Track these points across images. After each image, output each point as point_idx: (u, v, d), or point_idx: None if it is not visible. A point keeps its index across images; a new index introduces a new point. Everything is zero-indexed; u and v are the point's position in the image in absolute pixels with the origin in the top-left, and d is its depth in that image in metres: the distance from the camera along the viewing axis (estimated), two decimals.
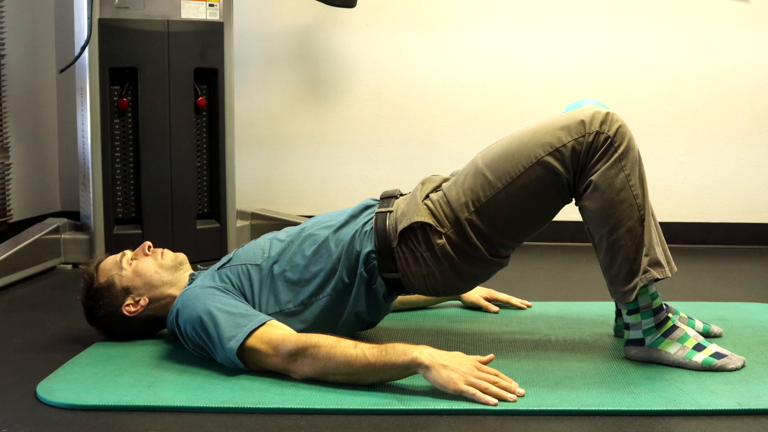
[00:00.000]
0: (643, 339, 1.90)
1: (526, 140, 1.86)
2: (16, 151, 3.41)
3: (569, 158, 1.82)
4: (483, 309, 2.39)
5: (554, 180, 1.84)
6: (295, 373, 1.76)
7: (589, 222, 1.88)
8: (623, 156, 1.81)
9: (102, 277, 2.03)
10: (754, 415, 1.61)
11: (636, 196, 1.83)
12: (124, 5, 2.96)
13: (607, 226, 1.84)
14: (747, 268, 3.18)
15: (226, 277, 1.97)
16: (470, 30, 3.65)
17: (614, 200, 1.82)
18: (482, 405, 1.62)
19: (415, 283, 1.94)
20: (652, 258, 1.86)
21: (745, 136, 3.62)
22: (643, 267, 1.84)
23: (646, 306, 1.88)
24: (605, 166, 1.81)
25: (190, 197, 3.14)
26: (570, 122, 1.84)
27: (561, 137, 1.83)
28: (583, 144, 1.81)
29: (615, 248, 1.85)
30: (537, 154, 1.83)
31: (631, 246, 1.83)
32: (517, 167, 1.85)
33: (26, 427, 1.56)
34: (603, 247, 1.87)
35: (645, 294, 1.86)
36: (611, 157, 1.81)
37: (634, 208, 1.83)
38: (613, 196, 1.82)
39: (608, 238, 1.85)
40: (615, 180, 1.81)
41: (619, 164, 1.81)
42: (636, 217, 1.83)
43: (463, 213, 1.88)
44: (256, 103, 3.71)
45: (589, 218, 1.87)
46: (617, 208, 1.82)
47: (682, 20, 3.59)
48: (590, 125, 1.82)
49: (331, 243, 1.95)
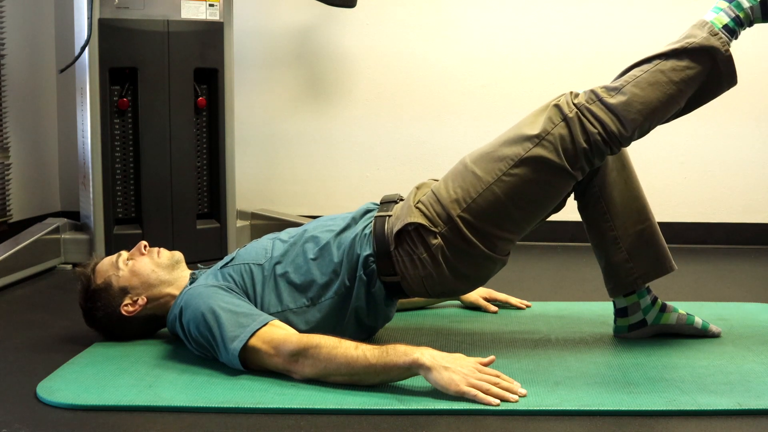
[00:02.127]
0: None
1: (511, 137, 1.89)
2: (16, 151, 3.41)
3: (559, 145, 1.84)
4: (482, 309, 2.39)
5: (546, 169, 1.85)
6: (296, 374, 1.76)
7: (675, 115, 1.95)
8: (608, 96, 1.87)
9: (99, 278, 2.03)
10: (754, 415, 1.61)
11: (645, 77, 1.88)
12: (124, 5, 2.96)
13: (676, 101, 1.90)
14: (747, 268, 3.18)
15: (229, 276, 1.97)
16: (470, 30, 3.65)
17: (652, 97, 1.87)
18: (482, 405, 1.62)
19: (414, 286, 1.94)
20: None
21: (746, 136, 3.62)
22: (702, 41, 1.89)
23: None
24: (617, 109, 1.85)
25: (190, 197, 3.14)
26: (547, 111, 1.88)
27: (545, 127, 1.86)
28: (569, 126, 1.84)
29: (692, 88, 1.91)
30: (525, 147, 1.85)
31: (691, 75, 1.89)
32: (505, 162, 1.86)
33: (26, 427, 1.56)
34: (696, 101, 1.94)
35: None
36: (608, 104, 1.86)
37: (656, 77, 1.88)
38: (649, 97, 1.87)
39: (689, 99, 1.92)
40: (629, 100, 1.87)
41: (613, 99, 1.86)
42: (665, 77, 1.87)
43: (454, 210, 1.88)
44: (256, 103, 3.71)
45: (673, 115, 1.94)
46: (661, 92, 1.88)
47: (682, 22, 3.59)
48: (565, 107, 1.86)
49: (333, 246, 1.95)
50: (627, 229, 2.03)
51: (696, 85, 1.89)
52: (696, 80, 1.88)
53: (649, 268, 2.03)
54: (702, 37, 1.88)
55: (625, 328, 2.09)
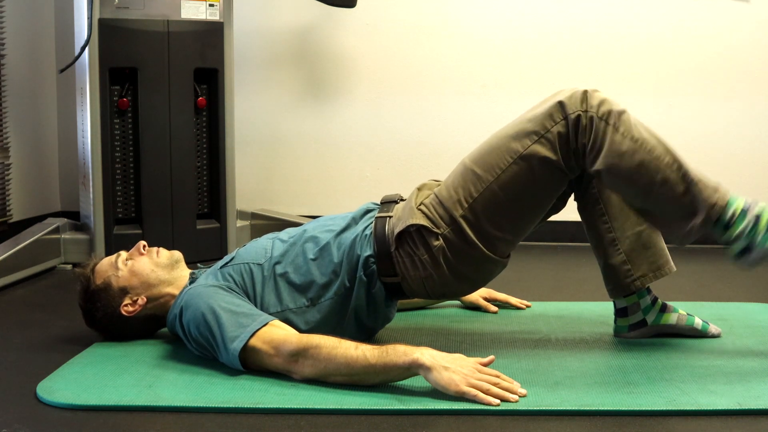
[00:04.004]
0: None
1: (511, 132, 1.87)
2: (16, 151, 3.41)
3: (557, 143, 1.82)
4: (482, 309, 2.39)
5: (545, 167, 1.84)
6: (296, 374, 1.76)
7: (622, 195, 1.88)
8: (617, 125, 1.80)
9: (98, 278, 2.03)
10: (754, 415, 1.61)
11: (651, 150, 1.78)
12: (124, 5, 2.96)
13: (640, 195, 1.82)
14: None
15: (229, 275, 1.97)
16: (470, 30, 3.65)
17: (632, 169, 1.78)
18: (482, 405, 1.62)
19: (414, 286, 1.94)
20: (708, 184, 1.80)
21: (746, 136, 3.62)
22: (707, 194, 1.78)
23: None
24: (606, 144, 1.80)
25: (190, 197, 3.14)
26: (550, 107, 1.84)
27: (545, 124, 1.83)
28: (569, 126, 1.81)
29: (661, 205, 1.82)
30: (524, 144, 1.84)
31: (676, 192, 1.79)
32: (504, 159, 1.85)
33: (26, 427, 1.56)
34: (652, 216, 1.87)
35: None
36: (606, 133, 1.80)
37: (655, 162, 1.78)
38: (630, 167, 1.78)
39: (648, 200, 1.82)
40: (621, 150, 1.78)
41: (617, 134, 1.79)
42: (663, 166, 1.78)
43: (457, 211, 1.88)
44: (256, 103, 3.71)
45: (623, 199, 1.89)
46: (640, 174, 1.79)
47: (681, 23, 3.59)
48: (571, 106, 1.82)
49: (333, 247, 1.95)
50: (625, 231, 2.02)
51: (669, 208, 1.83)
52: (672, 208, 1.82)
53: (648, 270, 2.03)
54: (712, 191, 1.80)
55: (625, 328, 2.09)
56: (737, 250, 1.84)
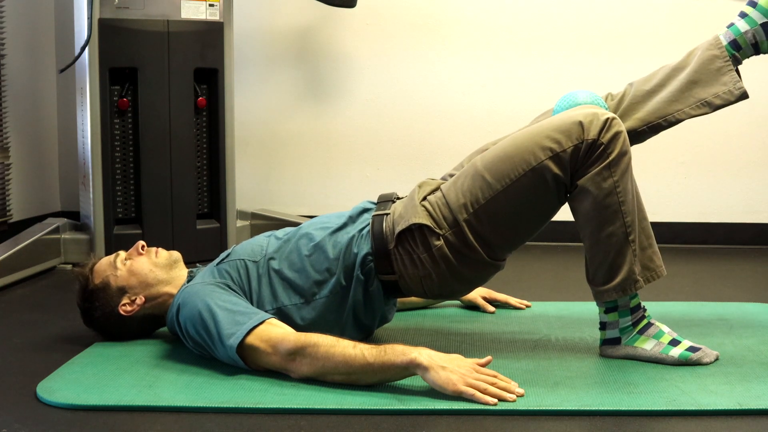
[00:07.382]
0: (619, 338, 1.93)
1: (526, 143, 1.86)
2: (16, 151, 3.41)
3: (568, 162, 1.83)
4: (481, 309, 2.39)
5: (553, 183, 1.85)
6: (294, 373, 1.76)
7: (577, 222, 1.91)
8: (614, 163, 1.82)
9: (97, 278, 2.03)
10: (754, 415, 1.61)
11: (622, 203, 1.84)
12: (124, 5, 2.96)
13: (589, 227, 1.87)
14: (747, 268, 3.18)
15: (226, 272, 1.97)
16: (470, 30, 3.65)
17: (600, 204, 1.83)
18: (482, 405, 1.62)
19: (412, 285, 1.94)
20: (633, 269, 1.86)
21: (746, 136, 3.62)
22: (622, 277, 1.86)
23: (623, 305, 1.91)
24: (595, 171, 1.82)
25: (190, 197, 3.14)
26: (570, 125, 1.83)
27: (561, 141, 1.83)
28: (582, 148, 1.82)
29: (595, 249, 1.88)
30: (537, 157, 1.84)
31: (610, 251, 1.85)
32: (516, 170, 1.85)
33: (26, 427, 1.56)
34: (586, 246, 1.90)
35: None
36: (602, 162, 1.82)
37: (619, 215, 1.84)
38: (600, 201, 1.83)
39: (590, 238, 1.88)
40: (602, 185, 1.82)
41: (608, 170, 1.82)
42: (619, 223, 1.84)
43: (461, 214, 1.88)
44: (256, 103, 3.71)
45: (576, 218, 1.91)
46: (601, 213, 1.84)
47: (681, 24, 3.59)
48: (588, 131, 1.82)
49: (328, 245, 1.95)
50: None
51: (600, 257, 1.88)
52: (603, 259, 1.88)
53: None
54: (640, 269, 1.88)
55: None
56: (605, 338, 1.94)
